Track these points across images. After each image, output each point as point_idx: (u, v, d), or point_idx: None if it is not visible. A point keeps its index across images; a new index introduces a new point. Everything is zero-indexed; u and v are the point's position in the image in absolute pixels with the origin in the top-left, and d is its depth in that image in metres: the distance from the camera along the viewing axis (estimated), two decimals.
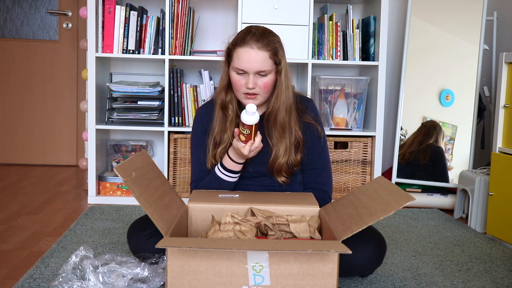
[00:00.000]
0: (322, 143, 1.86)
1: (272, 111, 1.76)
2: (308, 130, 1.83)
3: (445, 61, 2.85)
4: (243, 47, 1.68)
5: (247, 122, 1.62)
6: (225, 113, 1.80)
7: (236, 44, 1.71)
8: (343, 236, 1.37)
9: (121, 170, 1.41)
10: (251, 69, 1.68)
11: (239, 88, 1.72)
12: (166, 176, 2.73)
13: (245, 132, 1.64)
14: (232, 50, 1.72)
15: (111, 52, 2.70)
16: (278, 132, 1.77)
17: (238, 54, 1.69)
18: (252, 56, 1.67)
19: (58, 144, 3.87)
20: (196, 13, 2.93)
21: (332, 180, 1.89)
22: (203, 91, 2.80)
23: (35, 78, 3.82)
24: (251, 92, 1.71)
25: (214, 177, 1.78)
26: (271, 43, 1.70)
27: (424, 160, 2.83)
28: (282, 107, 1.75)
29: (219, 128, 1.80)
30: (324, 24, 2.80)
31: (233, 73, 1.73)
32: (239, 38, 1.72)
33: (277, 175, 1.79)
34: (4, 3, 3.77)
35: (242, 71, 1.70)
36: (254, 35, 1.69)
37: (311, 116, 1.85)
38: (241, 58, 1.68)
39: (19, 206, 2.61)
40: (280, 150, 1.77)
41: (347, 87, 2.85)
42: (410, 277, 1.75)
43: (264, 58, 1.68)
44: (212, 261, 1.31)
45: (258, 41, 1.68)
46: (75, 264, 1.51)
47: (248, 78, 1.69)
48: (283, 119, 1.76)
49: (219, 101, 1.80)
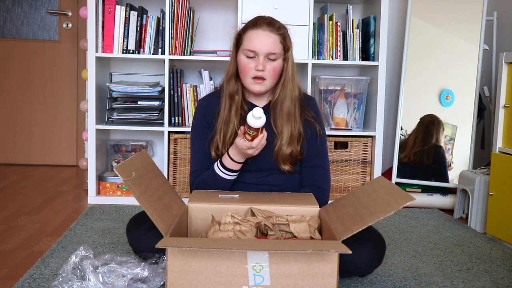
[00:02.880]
0: (321, 142, 1.86)
1: (278, 99, 1.79)
2: (308, 127, 1.84)
3: (445, 61, 2.85)
4: (255, 29, 1.74)
5: (253, 125, 1.62)
6: (232, 102, 1.81)
7: (247, 28, 1.77)
8: (343, 236, 1.37)
9: (121, 170, 1.41)
10: (262, 50, 1.72)
11: (248, 72, 1.74)
12: (166, 176, 2.73)
13: (252, 134, 1.64)
14: (243, 34, 1.77)
15: (111, 52, 2.70)
16: (284, 119, 1.78)
17: (249, 36, 1.74)
18: (264, 37, 1.72)
19: (58, 144, 3.87)
20: (196, 13, 2.93)
21: (330, 178, 1.89)
22: (203, 91, 2.80)
23: (35, 78, 3.82)
24: (260, 75, 1.73)
25: (212, 174, 1.78)
26: (281, 28, 1.77)
27: (429, 160, 2.82)
28: (288, 95, 1.78)
29: (226, 117, 1.80)
30: (324, 24, 2.80)
31: (242, 57, 1.75)
32: (250, 23, 1.78)
33: (282, 163, 1.80)
34: (4, 3, 3.77)
35: (252, 53, 1.73)
36: (265, 19, 1.76)
37: (311, 114, 1.86)
38: (253, 39, 1.73)
39: (19, 206, 2.61)
40: (284, 138, 1.77)
41: (347, 87, 2.85)
42: (410, 277, 1.75)
43: (275, 40, 1.74)
44: (212, 261, 1.31)
45: (269, 25, 1.75)
46: (75, 264, 1.51)
47: (258, 60, 1.72)
48: (288, 107, 1.78)
49: (229, 89, 1.81)
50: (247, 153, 1.68)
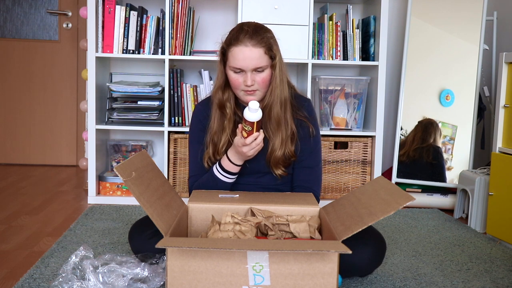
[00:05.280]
0: (314, 143, 1.85)
1: (267, 105, 1.76)
2: (301, 127, 1.83)
3: (445, 61, 2.85)
4: (238, 46, 1.68)
5: (249, 118, 1.62)
6: (223, 112, 1.79)
7: (230, 43, 1.71)
8: (343, 236, 1.37)
9: (121, 170, 1.41)
10: (248, 67, 1.68)
11: (238, 86, 1.73)
12: (166, 176, 2.73)
13: (247, 129, 1.64)
14: (227, 49, 1.72)
15: (111, 52, 2.70)
16: (273, 125, 1.77)
17: (233, 53, 1.69)
18: (248, 54, 1.67)
19: (58, 144, 3.87)
20: (196, 13, 2.93)
21: (321, 180, 1.89)
22: (203, 91, 2.80)
23: (35, 78, 3.82)
24: (250, 89, 1.72)
25: (211, 176, 1.78)
26: (265, 39, 1.70)
27: (428, 158, 2.83)
28: (277, 100, 1.75)
29: (217, 128, 1.80)
30: (324, 24, 2.80)
31: (230, 72, 1.73)
32: (232, 37, 1.71)
33: (275, 167, 1.79)
34: (4, 3, 3.77)
35: (239, 70, 1.70)
36: (247, 33, 1.68)
37: (304, 114, 1.84)
38: (237, 57, 1.68)
39: (19, 206, 2.61)
40: (276, 143, 1.76)
41: (347, 87, 2.85)
42: (410, 277, 1.74)
43: (260, 54, 1.68)
44: (212, 261, 1.31)
45: (252, 38, 1.68)
46: (75, 264, 1.51)
47: (246, 76, 1.69)
48: (277, 113, 1.76)
49: (216, 101, 1.79)
50: (243, 151, 1.67)
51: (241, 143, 1.66)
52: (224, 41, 1.75)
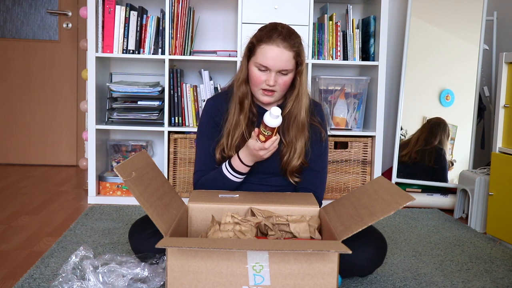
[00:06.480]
0: (324, 147, 1.87)
1: (293, 111, 1.77)
2: (313, 132, 1.84)
3: (445, 61, 2.85)
4: (269, 45, 1.69)
5: (270, 124, 1.62)
6: (241, 106, 1.80)
7: (261, 40, 1.71)
8: (343, 236, 1.37)
9: (121, 170, 1.41)
10: (274, 67, 1.69)
11: (259, 84, 1.73)
12: (166, 176, 2.73)
13: (266, 134, 1.64)
14: (256, 45, 1.72)
15: (111, 52, 2.70)
16: (297, 131, 1.78)
17: (263, 50, 1.69)
18: (278, 54, 1.68)
19: (58, 144, 3.87)
20: (196, 13, 2.93)
21: (325, 185, 1.89)
22: (203, 91, 2.80)
23: (35, 78, 3.82)
24: (270, 89, 1.72)
25: (220, 174, 1.78)
26: (296, 44, 1.71)
27: (430, 162, 2.82)
28: (303, 107, 1.77)
29: (234, 121, 1.79)
30: (324, 24, 2.80)
31: (254, 68, 1.73)
32: (265, 34, 1.71)
33: (290, 175, 1.81)
34: (4, 3, 3.77)
35: (264, 68, 1.70)
36: (281, 34, 1.69)
37: (317, 119, 1.86)
38: (266, 55, 1.69)
39: (19, 206, 2.61)
40: (297, 150, 1.77)
41: (347, 87, 2.85)
42: (410, 277, 1.75)
43: (289, 57, 1.69)
44: (212, 261, 1.31)
45: (285, 41, 1.68)
46: (75, 264, 1.51)
47: (270, 75, 1.70)
48: (303, 119, 1.78)
49: (239, 94, 1.79)
50: (259, 154, 1.67)
51: (259, 147, 1.65)
52: (254, 37, 1.75)
